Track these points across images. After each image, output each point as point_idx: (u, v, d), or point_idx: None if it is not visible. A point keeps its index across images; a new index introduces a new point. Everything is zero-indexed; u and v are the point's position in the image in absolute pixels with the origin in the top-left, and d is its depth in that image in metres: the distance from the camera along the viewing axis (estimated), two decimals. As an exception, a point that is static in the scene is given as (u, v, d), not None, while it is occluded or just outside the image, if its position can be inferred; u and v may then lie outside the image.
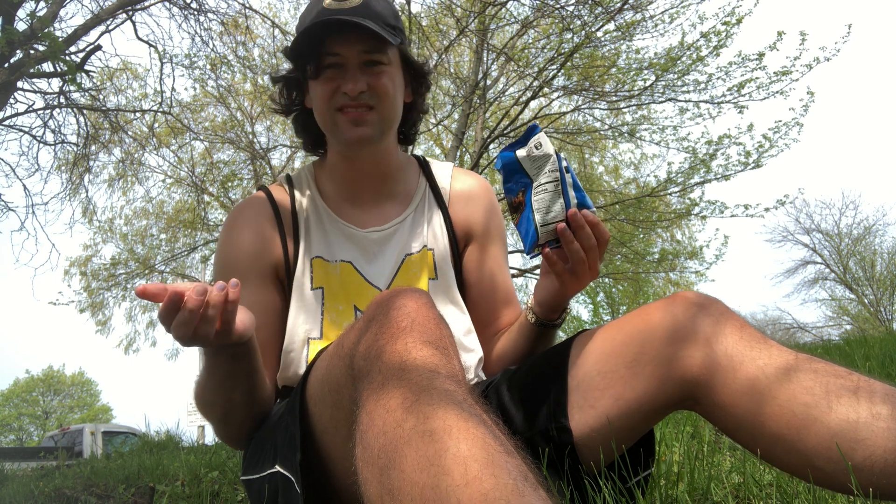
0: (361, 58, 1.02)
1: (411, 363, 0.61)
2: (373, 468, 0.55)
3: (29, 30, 5.23)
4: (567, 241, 0.91)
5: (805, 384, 0.74)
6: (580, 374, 0.90)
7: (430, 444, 0.52)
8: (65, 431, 10.91)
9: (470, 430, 0.53)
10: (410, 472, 0.51)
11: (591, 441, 0.86)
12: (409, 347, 0.63)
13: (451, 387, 0.59)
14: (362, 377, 0.64)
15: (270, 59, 8.21)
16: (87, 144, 7.23)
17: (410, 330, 0.66)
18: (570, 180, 0.93)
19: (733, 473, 1.25)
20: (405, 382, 0.59)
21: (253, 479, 0.92)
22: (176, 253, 11.71)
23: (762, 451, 0.78)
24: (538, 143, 0.93)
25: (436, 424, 0.54)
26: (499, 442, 0.54)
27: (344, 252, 1.10)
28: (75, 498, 2.00)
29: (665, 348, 0.83)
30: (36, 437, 26.86)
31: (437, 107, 8.99)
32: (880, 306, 20.85)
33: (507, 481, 0.49)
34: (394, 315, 0.68)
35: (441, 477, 0.49)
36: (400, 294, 0.72)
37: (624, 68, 7.19)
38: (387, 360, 0.63)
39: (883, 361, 2.84)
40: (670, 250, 10.55)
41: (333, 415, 0.78)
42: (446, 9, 6.52)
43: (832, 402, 0.72)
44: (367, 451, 0.57)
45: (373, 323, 0.69)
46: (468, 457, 0.50)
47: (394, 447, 0.54)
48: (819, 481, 0.74)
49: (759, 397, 0.76)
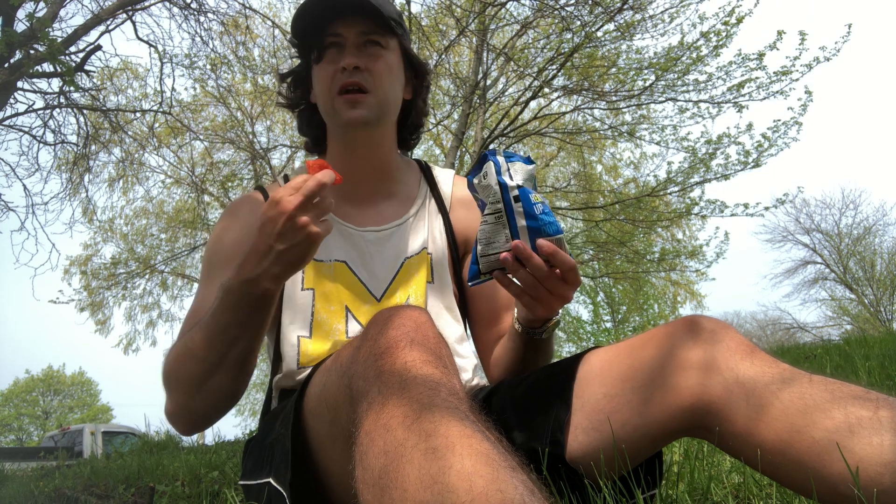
0: (360, 38, 1.06)
1: (411, 380, 0.60)
2: (374, 489, 0.54)
3: (28, 30, 5.22)
4: (512, 270, 0.88)
5: (823, 408, 0.72)
6: (586, 394, 0.88)
7: (432, 462, 0.51)
8: (65, 431, 10.91)
9: (474, 446, 0.52)
10: (413, 490, 0.50)
11: (592, 462, 0.85)
12: (409, 365, 0.62)
13: (453, 403, 0.57)
14: (361, 396, 0.63)
15: (270, 59, 8.21)
16: (87, 144, 7.23)
17: (409, 347, 0.65)
18: (520, 209, 0.88)
19: (733, 473, 1.25)
20: (405, 400, 0.58)
21: (251, 484, 0.92)
22: (176, 253, 11.72)
23: (785, 480, 0.75)
24: (485, 172, 0.91)
25: (438, 441, 0.52)
26: (503, 457, 0.52)
27: (339, 251, 1.09)
28: (75, 498, 2.00)
29: (674, 375, 0.82)
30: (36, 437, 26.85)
31: (437, 107, 8.99)
32: (880, 306, 20.86)
33: (513, 496, 0.47)
34: (392, 333, 0.67)
35: (445, 494, 0.48)
36: (398, 311, 0.71)
37: (624, 68, 7.19)
38: (386, 379, 0.61)
39: (883, 361, 2.83)
40: (670, 249, 10.55)
41: (331, 431, 0.77)
42: (446, 9, 6.52)
43: (836, 423, 0.70)
44: (368, 472, 0.55)
45: (370, 340, 0.68)
46: (472, 473, 0.49)
47: (395, 466, 0.52)
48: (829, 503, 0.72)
49: (777, 425, 0.74)
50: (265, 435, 0.96)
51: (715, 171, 7.64)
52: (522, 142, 10.22)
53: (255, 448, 0.97)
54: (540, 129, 8.63)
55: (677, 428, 0.83)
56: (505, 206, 0.88)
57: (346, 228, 1.11)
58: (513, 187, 0.88)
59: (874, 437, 0.68)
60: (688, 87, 7.07)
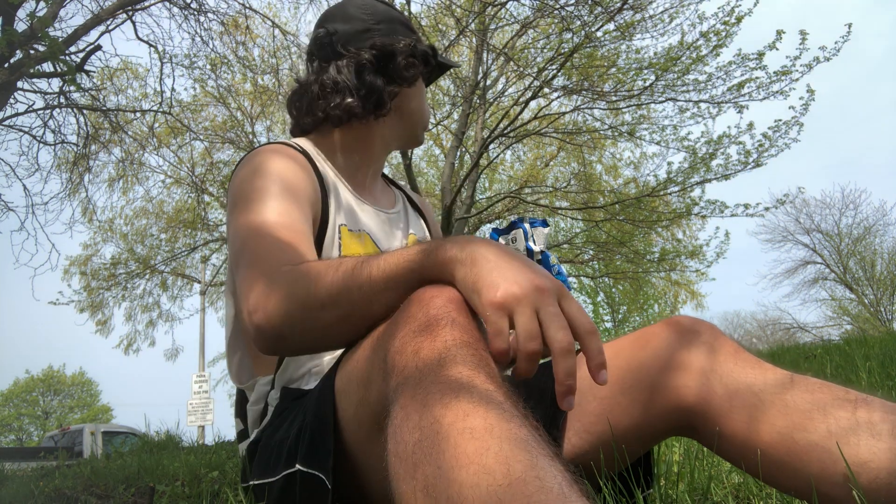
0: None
1: (451, 360, 0.58)
2: (406, 463, 0.52)
3: (29, 30, 5.23)
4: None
5: (803, 409, 0.74)
6: (578, 396, 0.89)
7: (469, 442, 0.49)
8: (65, 431, 10.92)
9: (513, 431, 0.50)
10: (448, 469, 0.48)
11: (586, 464, 0.87)
12: (449, 344, 0.60)
13: (491, 386, 0.56)
14: (398, 372, 0.61)
15: (270, 59, 8.22)
16: (87, 144, 7.23)
17: (451, 327, 0.63)
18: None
19: (733, 473, 1.25)
20: (444, 379, 0.56)
21: (266, 483, 0.89)
22: (176, 253, 11.72)
23: (766, 478, 0.77)
24: (514, 237, 1.00)
25: (476, 422, 0.50)
26: (542, 446, 0.51)
27: (363, 223, 1.13)
28: (75, 498, 2.00)
29: (660, 377, 0.84)
30: (36, 437, 26.88)
31: (437, 107, 9.00)
32: (880, 306, 20.87)
33: (551, 485, 0.46)
34: (435, 312, 0.65)
35: (482, 475, 0.46)
36: (440, 290, 0.68)
37: (624, 68, 7.19)
38: (425, 357, 0.60)
39: (883, 361, 2.83)
40: (670, 249, 10.56)
41: (357, 411, 0.76)
42: (446, 9, 6.52)
43: (831, 427, 0.71)
44: (401, 445, 0.54)
45: (412, 318, 0.66)
46: (511, 457, 0.47)
47: (430, 443, 0.51)
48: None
49: (758, 425, 0.76)
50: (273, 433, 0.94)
51: (715, 171, 7.64)
52: (522, 142, 10.23)
53: (263, 449, 0.95)
54: (540, 129, 8.63)
55: (665, 429, 0.85)
56: None
57: (365, 205, 1.15)
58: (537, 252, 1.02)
59: (851, 438, 0.70)
60: (688, 87, 7.07)
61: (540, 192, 10.57)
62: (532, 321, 0.62)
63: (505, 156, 11.22)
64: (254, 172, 1.00)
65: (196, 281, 13.10)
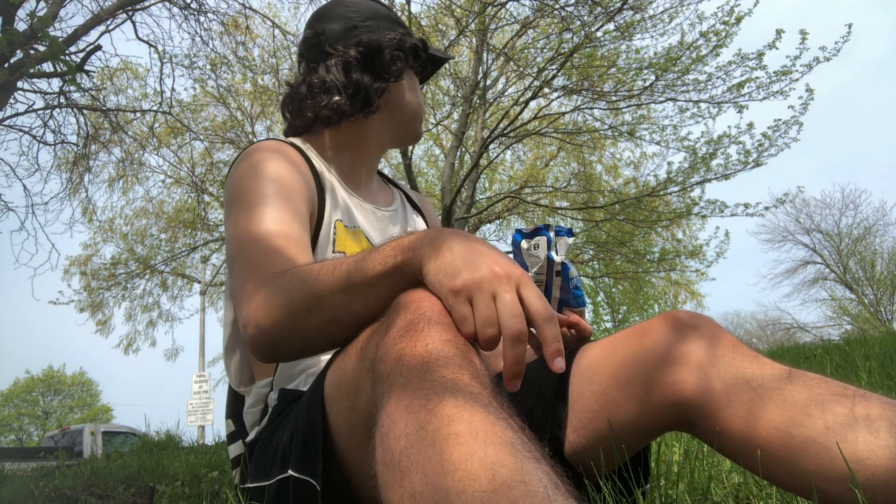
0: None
1: (433, 363, 0.59)
2: (394, 471, 0.53)
3: (29, 30, 5.23)
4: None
5: (801, 404, 0.74)
6: (575, 392, 0.90)
7: (455, 448, 0.49)
8: (65, 431, 10.93)
9: (497, 434, 0.50)
10: (434, 476, 0.48)
11: (583, 460, 0.87)
12: (430, 347, 0.61)
13: (476, 388, 0.56)
14: (383, 379, 0.62)
15: (270, 58, 8.22)
16: (87, 144, 7.22)
17: (429, 328, 0.63)
18: (559, 283, 1.01)
19: (733, 473, 1.25)
20: (428, 384, 0.56)
21: (260, 486, 0.89)
22: (176, 253, 11.71)
23: (764, 473, 0.77)
24: (537, 244, 1.02)
25: (461, 427, 0.51)
26: (527, 448, 0.51)
27: (357, 220, 1.13)
28: (75, 498, 2.00)
29: (658, 372, 0.83)
30: (36, 437, 26.89)
31: (437, 107, 9.00)
32: (880, 306, 20.88)
33: (536, 489, 0.46)
34: (413, 316, 0.65)
35: (467, 482, 0.47)
36: (419, 294, 0.69)
37: (624, 68, 7.19)
38: (408, 362, 0.60)
39: (883, 361, 2.84)
40: (670, 249, 10.55)
41: (349, 418, 0.76)
42: (446, 9, 6.52)
43: (829, 423, 0.71)
44: (388, 453, 0.54)
45: (392, 323, 0.66)
46: (496, 462, 0.48)
47: (416, 450, 0.51)
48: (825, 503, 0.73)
49: (756, 421, 0.75)
50: (270, 436, 0.95)
51: (715, 170, 7.64)
52: (522, 142, 10.23)
53: (261, 450, 0.96)
54: (540, 129, 8.63)
55: (662, 424, 0.84)
56: (546, 278, 1.01)
57: (360, 202, 1.16)
58: (557, 263, 1.01)
59: (849, 434, 0.69)
60: (688, 87, 7.07)
61: (540, 192, 10.57)
62: (489, 307, 0.63)
63: (505, 156, 11.23)
64: (250, 172, 1.02)
65: (196, 281, 13.10)
